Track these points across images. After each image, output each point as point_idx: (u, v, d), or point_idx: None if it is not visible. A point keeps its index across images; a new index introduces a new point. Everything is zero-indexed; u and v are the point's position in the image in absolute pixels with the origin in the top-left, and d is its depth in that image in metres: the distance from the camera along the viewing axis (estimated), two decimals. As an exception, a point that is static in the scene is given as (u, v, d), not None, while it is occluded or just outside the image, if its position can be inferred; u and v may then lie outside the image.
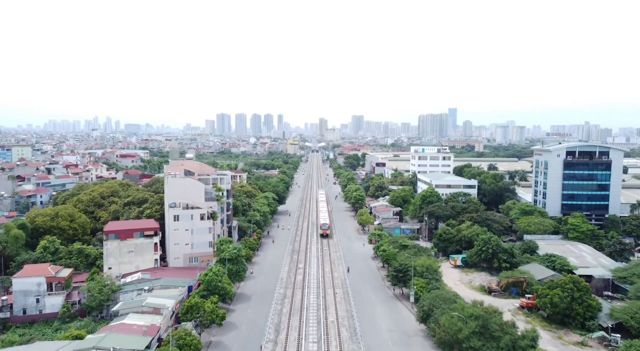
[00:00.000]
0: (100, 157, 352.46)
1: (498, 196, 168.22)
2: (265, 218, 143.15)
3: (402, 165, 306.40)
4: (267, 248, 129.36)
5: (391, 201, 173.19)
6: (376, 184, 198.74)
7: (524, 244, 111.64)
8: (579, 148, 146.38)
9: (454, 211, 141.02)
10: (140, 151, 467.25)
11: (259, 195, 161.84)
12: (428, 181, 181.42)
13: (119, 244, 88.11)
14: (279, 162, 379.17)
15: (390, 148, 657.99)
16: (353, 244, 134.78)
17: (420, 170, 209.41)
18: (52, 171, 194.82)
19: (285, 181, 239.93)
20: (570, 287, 74.97)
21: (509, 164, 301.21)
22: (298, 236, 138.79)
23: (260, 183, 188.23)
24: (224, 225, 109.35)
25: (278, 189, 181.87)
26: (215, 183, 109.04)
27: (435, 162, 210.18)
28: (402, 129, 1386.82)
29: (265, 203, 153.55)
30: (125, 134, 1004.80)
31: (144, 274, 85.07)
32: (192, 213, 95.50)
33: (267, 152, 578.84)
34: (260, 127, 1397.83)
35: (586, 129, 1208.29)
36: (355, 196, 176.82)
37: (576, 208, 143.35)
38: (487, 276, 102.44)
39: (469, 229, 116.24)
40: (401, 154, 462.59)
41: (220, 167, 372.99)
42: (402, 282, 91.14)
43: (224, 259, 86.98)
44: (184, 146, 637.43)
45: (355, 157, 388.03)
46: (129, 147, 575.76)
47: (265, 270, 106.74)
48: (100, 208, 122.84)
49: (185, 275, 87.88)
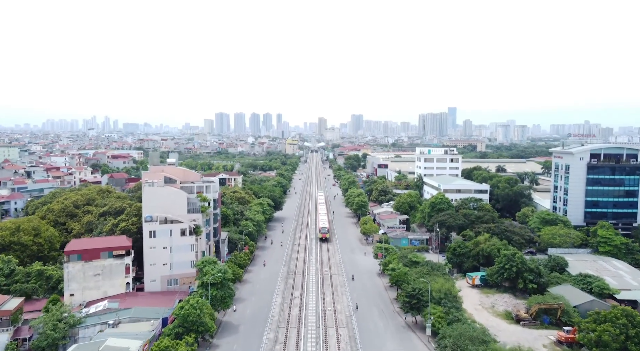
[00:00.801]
0: (90, 158, 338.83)
1: (512, 202, 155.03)
2: (259, 227, 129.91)
3: (405, 166, 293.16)
4: (260, 265, 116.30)
5: (396, 207, 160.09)
6: (379, 188, 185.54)
7: (551, 261, 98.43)
8: (604, 150, 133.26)
9: (467, 220, 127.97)
10: (134, 152, 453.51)
11: (253, 202, 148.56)
12: (436, 186, 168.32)
13: (83, 267, 74.85)
14: (277, 163, 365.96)
15: (391, 148, 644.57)
16: (356, 257, 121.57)
17: (426, 173, 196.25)
18: (32, 174, 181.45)
19: (283, 184, 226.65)
20: (623, 322, 61.87)
21: (517, 166, 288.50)
22: (294, 253, 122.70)
23: (255, 187, 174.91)
24: (210, 240, 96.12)
25: (274, 195, 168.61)
26: (200, 191, 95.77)
27: (443, 164, 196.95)
28: (402, 129, 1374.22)
29: (259, 210, 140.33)
30: (122, 134, 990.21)
31: (112, 302, 71.86)
32: (171, 228, 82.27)
33: (265, 153, 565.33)
34: (259, 127, 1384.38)
35: (587, 129, 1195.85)
36: (357, 202, 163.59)
37: (601, 216, 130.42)
38: (511, 299, 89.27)
39: (487, 243, 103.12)
40: (403, 154, 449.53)
41: (216, 168, 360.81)
42: (416, 309, 78.03)
43: (207, 283, 73.78)
44: (180, 146, 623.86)
45: (356, 158, 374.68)
46: (123, 147, 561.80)
47: (258, 290, 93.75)
48: (73, 219, 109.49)
49: (161, 302, 74.68)
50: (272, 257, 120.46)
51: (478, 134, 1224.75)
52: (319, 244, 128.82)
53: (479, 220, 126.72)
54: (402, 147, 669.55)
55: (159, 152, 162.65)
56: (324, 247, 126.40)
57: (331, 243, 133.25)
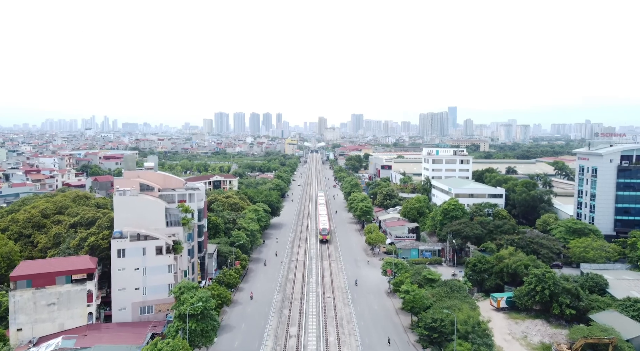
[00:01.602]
0: (81, 159, 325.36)
1: (531, 208, 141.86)
2: (253, 237, 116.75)
3: (409, 168, 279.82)
4: (253, 282, 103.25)
5: (403, 213, 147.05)
6: (384, 192, 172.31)
7: (588, 280, 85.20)
8: (637, 151, 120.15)
9: (484, 229, 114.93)
10: (129, 152, 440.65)
11: (247, 208, 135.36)
12: (446, 189, 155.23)
13: (34, 295, 61.65)
14: (275, 164, 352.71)
15: (392, 148, 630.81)
16: (362, 272, 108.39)
17: (434, 175, 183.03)
18: (10, 177, 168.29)
19: (281, 187, 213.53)
20: None
21: (527, 167, 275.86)
22: (292, 273, 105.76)
23: (250, 191, 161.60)
24: (194, 256, 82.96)
25: (270, 200, 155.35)
26: (182, 200, 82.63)
27: (452, 166, 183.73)
28: (403, 128, 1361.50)
29: (254, 217, 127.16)
30: (119, 134, 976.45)
31: (68, 339, 58.74)
32: (144, 246, 69.07)
33: (264, 153, 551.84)
34: (258, 126, 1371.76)
35: (588, 128, 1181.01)
36: (361, 207, 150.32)
37: (633, 225, 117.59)
38: (546, 327, 76.14)
39: (512, 258, 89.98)
40: (405, 154, 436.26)
41: (212, 169, 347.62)
42: (437, 344, 64.99)
43: (185, 314, 60.65)
44: (177, 146, 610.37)
45: (358, 159, 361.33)
46: (118, 147, 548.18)
47: (248, 314, 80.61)
48: (41, 231, 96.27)
49: (129, 338, 61.55)
50: (266, 275, 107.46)
51: (479, 133, 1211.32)
52: (320, 261, 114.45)
53: (498, 230, 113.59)
54: (404, 147, 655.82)
55: (135, 155, 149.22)
56: (325, 265, 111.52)
57: (333, 258, 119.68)
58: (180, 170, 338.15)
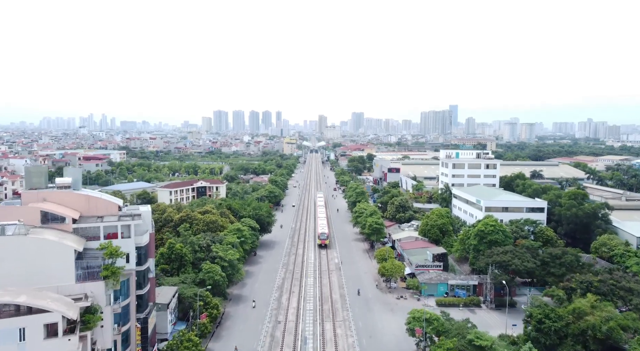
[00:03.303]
0: (58, 160, 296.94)
1: (582, 226, 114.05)
2: (232, 270, 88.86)
3: (418, 171, 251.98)
4: (229, 337, 75.28)
5: (423, 231, 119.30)
6: (397, 202, 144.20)
7: None
8: None
9: (534, 258, 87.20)
10: (116, 152, 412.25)
11: (229, 227, 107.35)
12: (473, 201, 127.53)
13: None
14: (271, 166, 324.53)
15: (396, 147, 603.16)
16: (376, 321, 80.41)
17: (454, 182, 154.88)
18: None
19: (275, 194, 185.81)
20: None
21: (550, 170, 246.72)
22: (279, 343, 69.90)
23: (235, 203, 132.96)
24: (129, 321, 55.03)
25: (260, 214, 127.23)
26: (113, 234, 54.65)
27: (476, 171, 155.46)
28: (404, 127, 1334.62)
29: (236, 241, 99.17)
30: (113, 133, 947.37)
31: None
32: (22, 325, 41.31)
33: (261, 153, 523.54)
34: (258, 125, 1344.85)
35: (593, 127, 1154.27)
36: (371, 224, 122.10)
37: None
38: None
39: (598, 314, 62.04)
40: (410, 154, 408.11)
41: (202, 171, 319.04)
42: None
43: None
44: (170, 145, 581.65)
45: (361, 160, 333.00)
46: (107, 147, 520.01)
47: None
48: None
49: None
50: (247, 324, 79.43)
51: (481, 132, 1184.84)
52: (320, 318, 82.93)
53: (556, 261, 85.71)
54: (407, 146, 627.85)
55: (43, 166, 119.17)
56: (327, 327, 77.20)
57: (337, 299, 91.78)
58: (167, 172, 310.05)
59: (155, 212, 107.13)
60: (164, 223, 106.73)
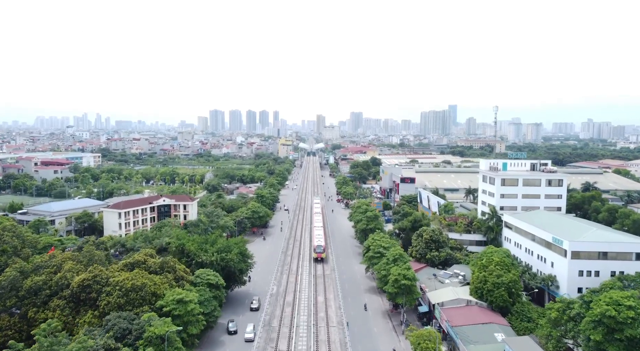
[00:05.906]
0: (9, 165, 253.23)
1: None
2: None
3: (437, 180, 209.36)
4: None
5: (476, 290, 76.76)
6: (426, 236, 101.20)
7: None
8: None
9: None
10: (90, 155, 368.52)
11: (168, 296, 64.32)
12: (545, 238, 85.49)
13: None
14: (262, 173, 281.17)
15: (399, 149, 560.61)
16: None
17: (504, 204, 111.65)
18: None
19: (260, 214, 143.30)
20: None
21: (594, 179, 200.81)
22: None
23: (191, 245, 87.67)
24: None
25: (228, 259, 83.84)
26: None
27: (534, 190, 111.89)
28: (403, 127, 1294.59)
29: (170, 330, 56.38)
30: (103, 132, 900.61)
31: None
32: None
33: (254, 155, 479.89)
34: (255, 125, 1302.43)
35: (596, 128, 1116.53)
36: (397, 278, 78.02)
37: None
38: None
39: None
40: (417, 158, 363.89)
41: (181, 179, 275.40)
42: None
43: None
44: (156, 146, 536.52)
45: (365, 165, 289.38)
46: (85, 149, 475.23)
47: None
48: None
49: None
50: None
51: (482, 132, 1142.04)
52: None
53: None
54: (411, 148, 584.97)
55: None
56: None
57: None
58: (139, 180, 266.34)
59: (42, 271, 64.50)
60: (54, 292, 63.76)
